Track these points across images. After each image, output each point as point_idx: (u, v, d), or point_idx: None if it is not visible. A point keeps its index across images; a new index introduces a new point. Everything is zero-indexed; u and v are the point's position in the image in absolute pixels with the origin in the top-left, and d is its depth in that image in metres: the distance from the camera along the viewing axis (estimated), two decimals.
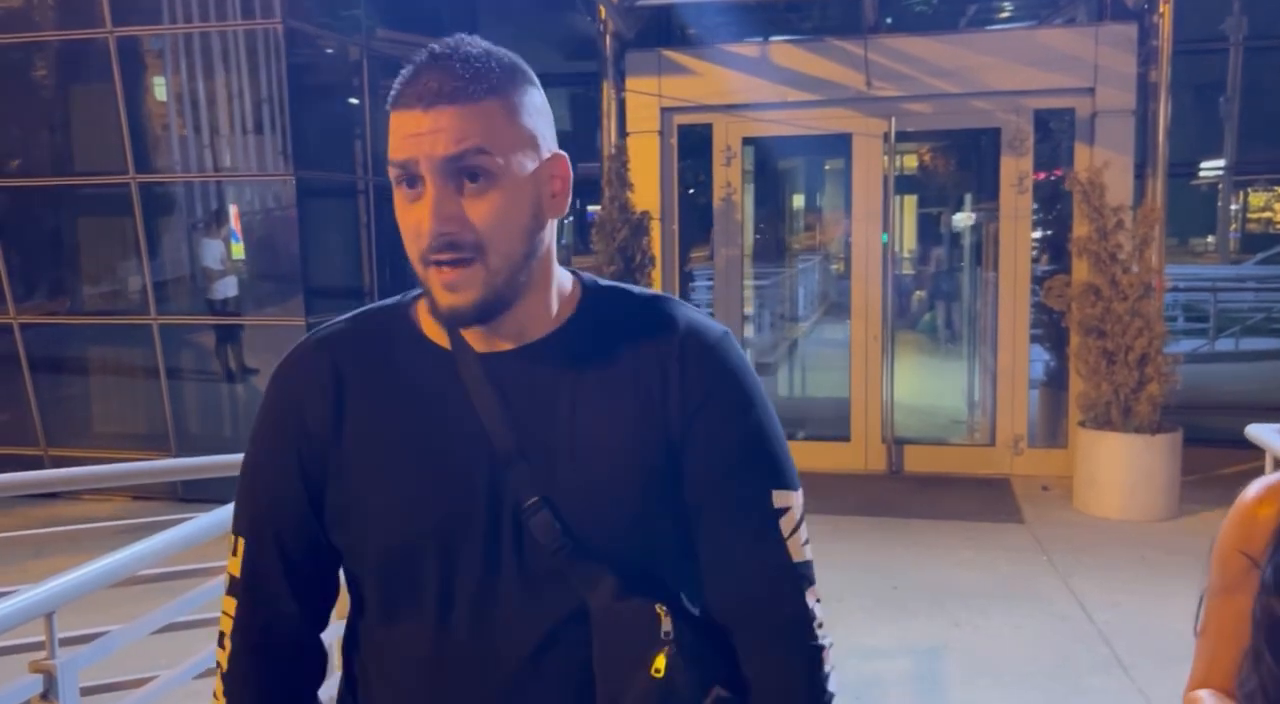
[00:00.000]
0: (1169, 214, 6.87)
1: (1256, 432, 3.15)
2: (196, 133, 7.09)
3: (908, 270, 10.60)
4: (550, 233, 1.12)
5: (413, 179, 1.04)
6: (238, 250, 7.16)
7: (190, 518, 2.32)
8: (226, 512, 2.42)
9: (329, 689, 1.29)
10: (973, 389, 8.04)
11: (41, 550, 4.63)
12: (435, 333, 1.14)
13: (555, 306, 1.14)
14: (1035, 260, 7.36)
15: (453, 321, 1.08)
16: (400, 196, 1.06)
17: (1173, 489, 6.22)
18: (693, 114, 7.40)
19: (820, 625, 1.13)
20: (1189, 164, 9.20)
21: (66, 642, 2.05)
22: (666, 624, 1.06)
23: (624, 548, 1.09)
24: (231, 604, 1.17)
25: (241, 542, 1.17)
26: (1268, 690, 1.11)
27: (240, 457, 1.23)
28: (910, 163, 9.84)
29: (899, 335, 8.18)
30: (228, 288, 7.20)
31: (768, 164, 9.16)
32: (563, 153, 1.11)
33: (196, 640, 2.50)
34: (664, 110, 7.36)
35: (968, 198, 8.73)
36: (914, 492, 6.93)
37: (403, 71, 1.07)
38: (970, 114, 7.21)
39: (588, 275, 1.19)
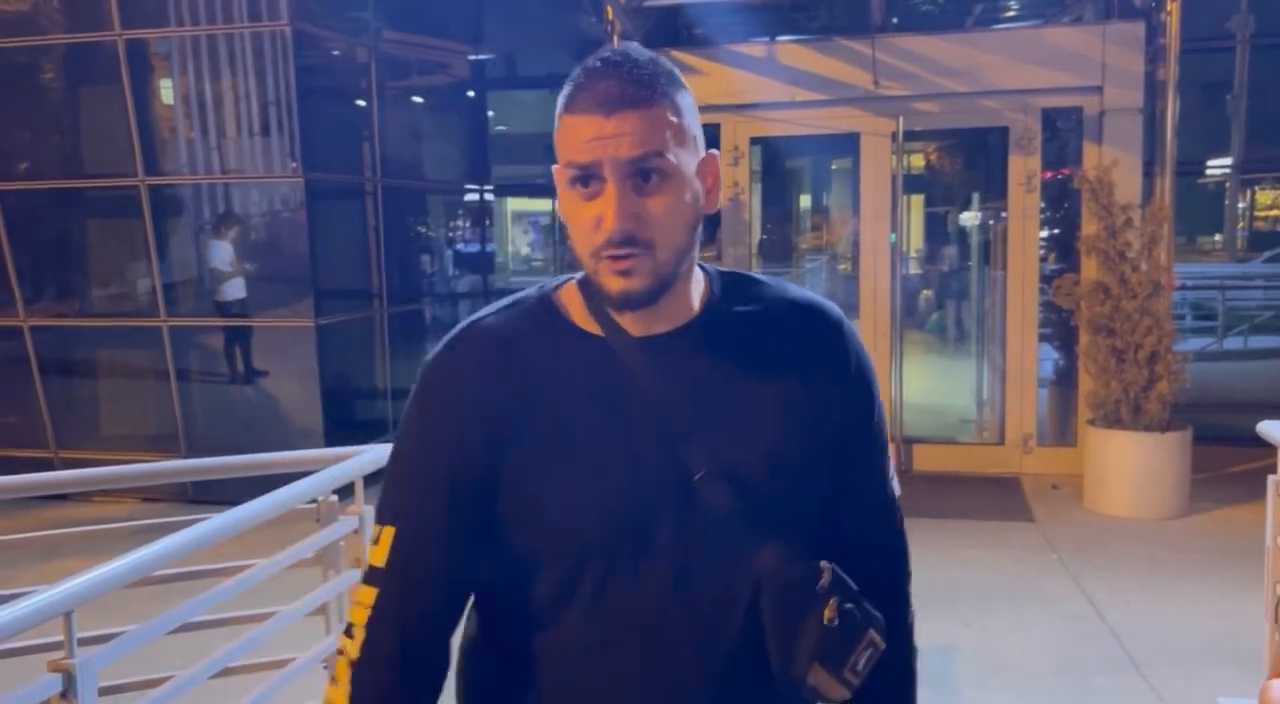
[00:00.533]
0: (1177, 212, 6.86)
1: (1268, 428, 3.14)
2: (205, 135, 7.11)
3: (916, 270, 10.59)
4: (701, 227, 1.19)
5: (589, 179, 1.10)
6: (239, 258, 7.18)
7: (204, 518, 2.33)
8: (241, 513, 2.43)
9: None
10: (981, 388, 8.03)
11: (55, 552, 4.64)
12: (586, 322, 1.19)
13: (699, 291, 1.22)
14: (1044, 259, 7.36)
15: (623, 305, 1.13)
16: (574, 195, 1.12)
17: (1183, 487, 6.21)
18: (700, 114, 7.38)
19: None
20: (1197, 162, 9.18)
21: (85, 642, 2.06)
22: (827, 580, 1.16)
23: (787, 512, 1.18)
24: (370, 594, 1.17)
25: (390, 531, 1.17)
26: None
27: (248, 458, 1.25)
28: (918, 162, 9.83)
29: (907, 334, 8.17)
30: (236, 289, 7.22)
31: (775, 164, 9.16)
32: (715, 152, 1.20)
33: (212, 640, 2.51)
34: None
35: (976, 197, 8.72)
36: (923, 491, 6.92)
37: (574, 77, 1.13)
38: (978, 113, 7.21)
39: (708, 267, 1.27)
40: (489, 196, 10.37)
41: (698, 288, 1.22)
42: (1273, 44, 8.40)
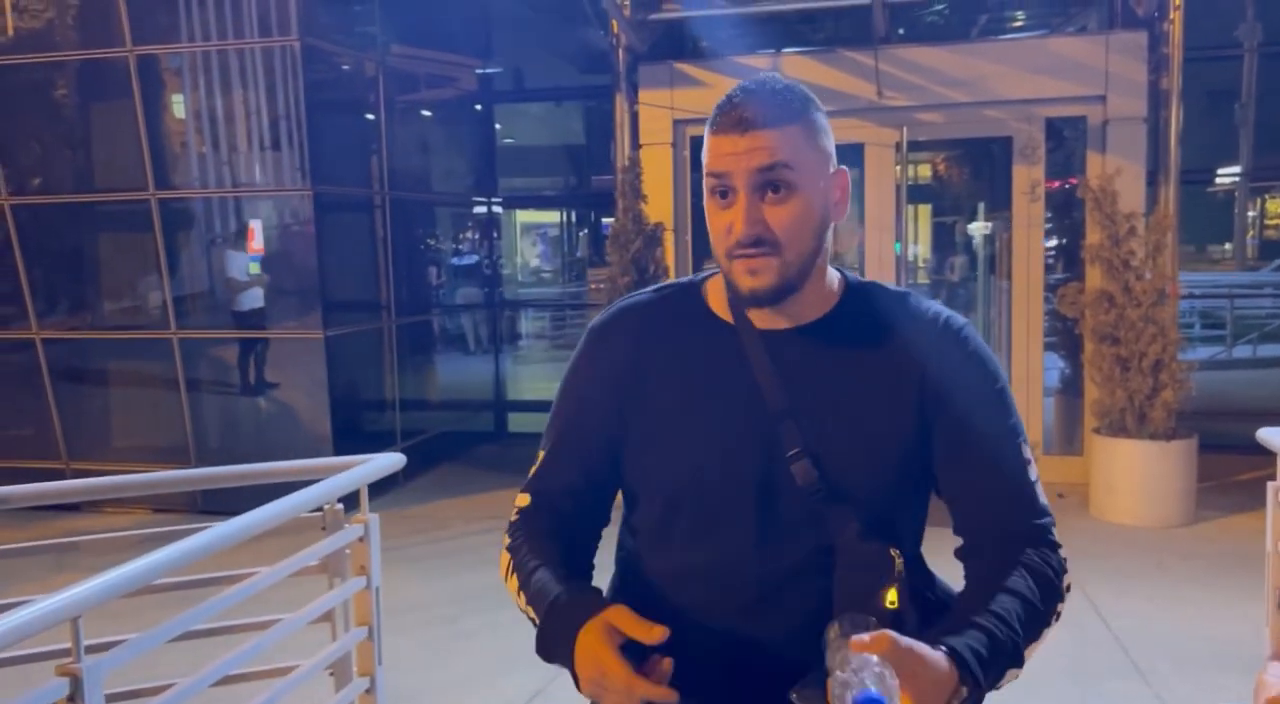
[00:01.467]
0: (1185, 221, 6.87)
1: (1268, 435, 3.14)
2: (215, 149, 7.18)
3: (923, 279, 10.60)
4: (830, 233, 1.35)
5: (724, 190, 1.28)
6: (254, 268, 7.23)
7: (208, 527, 2.36)
8: (244, 521, 2.46)
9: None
10: None
11: (63, 562, 4.69)
12: (722, 310, 1.38)
13: (826, 296, 1.37)
14: (1049, 268, 7.37)
15: (751, 302, 1.31)
16: (712, 203, 1.30)
17: (1189, 495, 6.21)
18: (705, 125, 7.43)
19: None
20: (1205, 171, 9.18)
21: (93, 648, 2.09)
22: (899, 564, 1.29)
23: (868, 498, 1.31)
24: (525, 498, 1.45)
25: (541, 454, 1.45)
26: None
27: (260, 465, 1.29)
28: (924, 172, 9.86)
29: None
30: (254, 299, 7.27)
31: None
32: (844, 167, 1.34)
33: (220, 647, 2.55)
34: (676, 122, 7.41)
35: (981, 206, 8.74)
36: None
37: (719, 103, 1.31)
38: (982, 123, 7.23)
39: (850, 273, 1.43)
40: (497, 209, 10.42)
41: (829, 292, 1.38)
42: None
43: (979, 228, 8.62)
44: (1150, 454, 6.16)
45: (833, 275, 1.39)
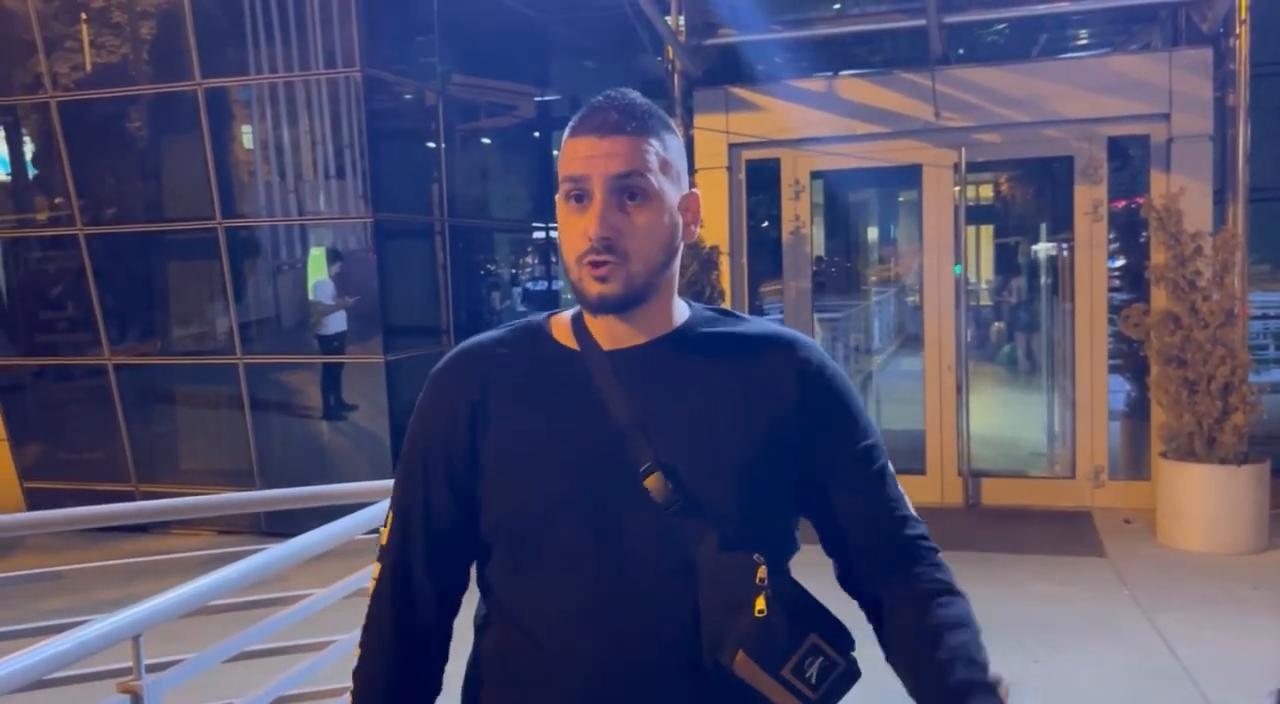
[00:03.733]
0: (1264, 240, 6.71)
1: None
2: (281, 178, 7.36)
3: (985, 301, 10.47)
4: (679, 254, 1.35)
5: (581, 194, 1.27)
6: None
7: (263, 549, 2.41)
8: (298, 543, 2.51)
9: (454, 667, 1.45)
10: (1052, 420, 7.89)
11: (131, 580, 4.80)
12: (567, 340, 1.36)
13: (675, 316, 1.37)
14: (1114, 289, 7.23)
15: (600, 308, 1.29)
16: (567, 208, 1.29)
17: (1261, 521, 6.03)
18: (761, 149, 7.46)
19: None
20: (1278, 189, 8.96)
21: (152, 668, 2.15)
22: (762, 573, 1.24)
23: (726, 509, 1.28)
24: (377, 568, 1.38)
25: (390, 516, 1.38)
26: None
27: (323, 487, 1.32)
28: (985, 193, 9.75)
29: (978, 367, 8.07)
30: (338, 323, 7.42)
31: (837, 197, 9.15)
32: (697, 191, 1.35)
33: (273, 668, 2.59)
34: (732, 146, 7.43)
35: (1043, 227, 8.61)
36: (992, 525, 6.82)
37: (580, 111, 1.30)
38: (1042, 142, 7.15)
39: (696, 304, 1.43)
40: (554, 234, 10.51)
41: (677, 316, 1.37)
42: None
43: (1042, 248, 8.50)
44: (1220, 479, 6.00)
45: (680, 302, 1.39)
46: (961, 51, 8.41)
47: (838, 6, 8.48)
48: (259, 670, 2.60)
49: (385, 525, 1.39)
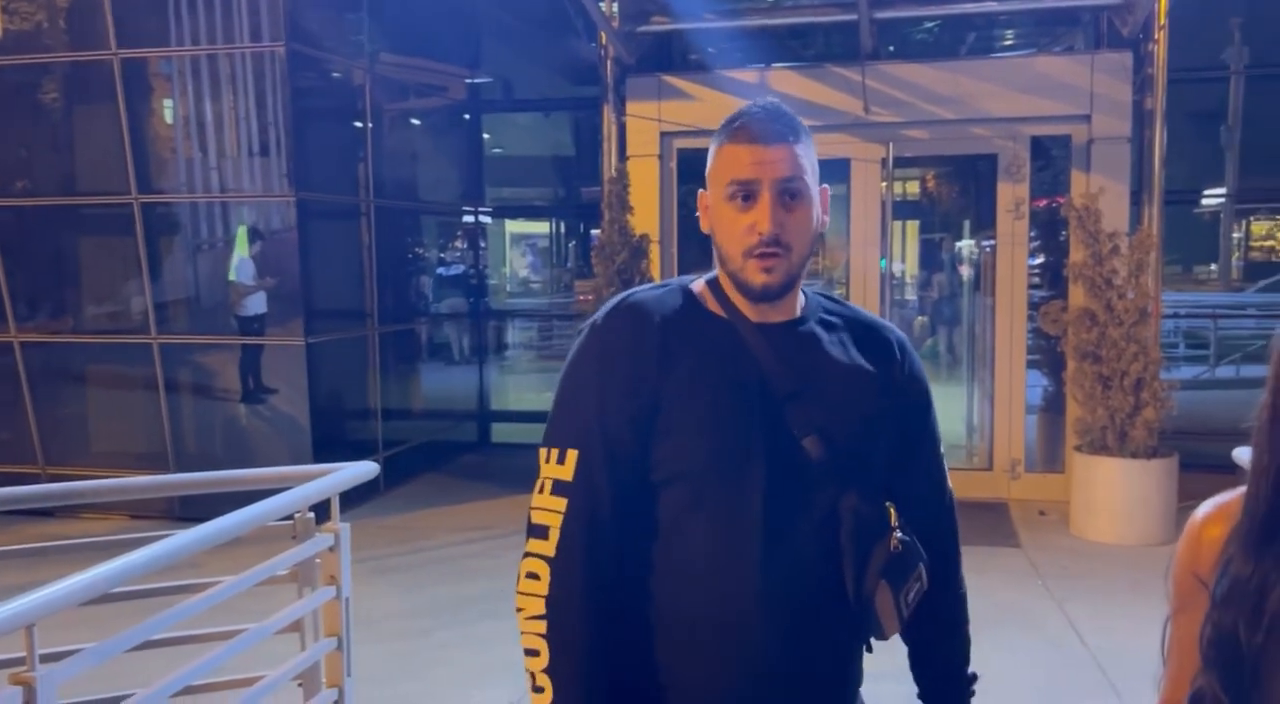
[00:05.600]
0: (1172, 241, 6.89)
1: (1243, 455, 3.15)
2: (198, 154, 7.15)
3: (909, 296, 10.61)
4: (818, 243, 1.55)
5: (748, 194, 1.44)
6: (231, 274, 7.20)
7: (171, 534, 2.33)
8: (210, 528, 2.43)
9: None
10: (971, 414, 8.04)
11: (35, 566, 4.63)
12: (717, 309, 1.52)
13: (800, 297, 1.56)
14: (1034, 286, 7.38)
15: (763, 297, 1.48)
16: (731, 207, 1.45)
17: (1168, 514, 6.21)
18: (692, 138, 7.44)
19: None
20: (1192, 192, 9.22)
21: (49, 657, 2.06)
22: (894, 517, 1.49)
23: (865, 466, 1.50)
24: (561, 503, 1.45)
25: (574, 453, 1.46)
26: None
27: (237, 472, 1.25)
28: (912, 189, 9.87)
29: None
30: (257, 304, 7.23)
31: None
32: (826, 186, 1.53)
33: (168, 658, 2.51)
34: (664, 134, 7.41)
35: (967, 224, 8.76)
36: None
37: (734, 119, 1.48)
38: (967, 140, 7.26)
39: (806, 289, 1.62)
40: (485, 218, 10.40)
41: (800, 298, 1.56)
42: (1266, 75, 8.45)
43: (965, 245, 8.64)
44: (1131, 472, 6.17)
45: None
46: (892, 48, 8.50)
47: None
48: (176, 660, 2.52)
49: (561, 462, 1.46)
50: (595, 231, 8.45)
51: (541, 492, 1.46)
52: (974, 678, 1.74)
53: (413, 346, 9.20)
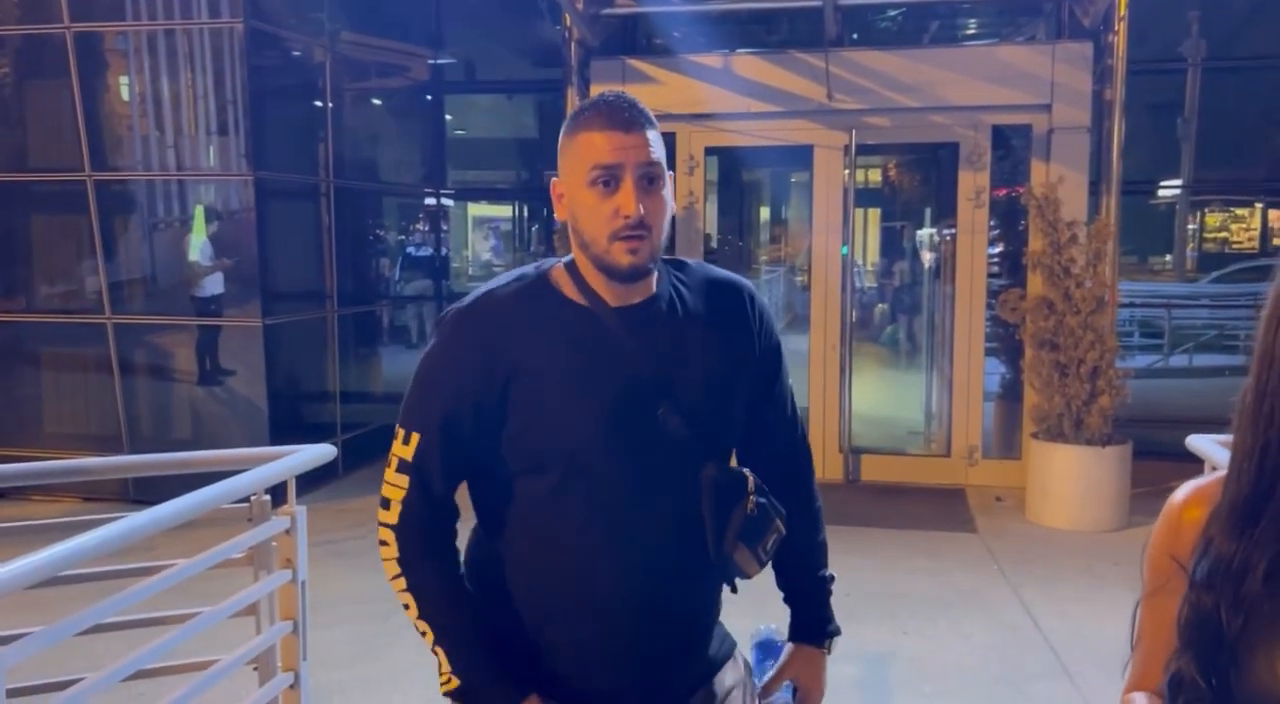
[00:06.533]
0: (1128, 232, 6.95)
1: (1196, 442, 3.19)
2: (156, 131, 7.02)
3: (871, 283, 10.68)
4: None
5: (610, 179, 1.48)
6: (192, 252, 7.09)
7: (126, 516, 2.29)
8: (163, 510, 2.39)
9: None
10: (930, 400, 8.11)
11: None
12: (574, 295, 1.57)
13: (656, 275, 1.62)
14: (993, 274, 7.44)
15: (629, 277, 1.53)
16: (593, 192, 1.50)
17: (1122, 501, 6.30)
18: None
19: None
20: (1148, 182, 9.34)
21: None
22: (751, 482, 1.61)
23: (722, 436, 1.63)
24: (404, 479, 1.56)
25: (416, 436, 1.56)
26: (1186, 689, 1.13)
27: (195, 453, 1.23)
28: (874, 176, 9.91)
29: (862, 347, 8.21)
30: (215, 285, 7.12)
31: (732, 174, 9.20)
32: (672, 171, 1.60)
33: (127, 641, 2.48)
34: None
35: (928, 211, 8.81)
36: (870, 500, 6.98)
37: (587, 108, 1.53)
38: (929, 128, 7.29)
39: None
40: (447, 200, 10.32)
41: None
42: (1223, 67, 8.56)
43: (927, 232, 8.70)
44: (1086, 459, 6.25)
45: None
46: (855, 35, 8.52)
47: None
48: (129, 644, 2.48)
49: (405, 443, 1.56)
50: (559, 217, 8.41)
51: (389, 467, 1.58)
52: (830, 578, 1.84)
53: (373, 329, 9.12)
